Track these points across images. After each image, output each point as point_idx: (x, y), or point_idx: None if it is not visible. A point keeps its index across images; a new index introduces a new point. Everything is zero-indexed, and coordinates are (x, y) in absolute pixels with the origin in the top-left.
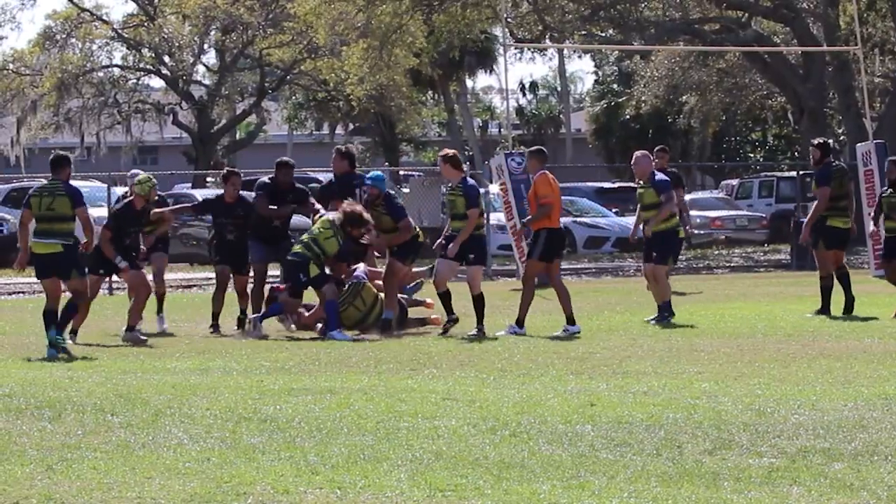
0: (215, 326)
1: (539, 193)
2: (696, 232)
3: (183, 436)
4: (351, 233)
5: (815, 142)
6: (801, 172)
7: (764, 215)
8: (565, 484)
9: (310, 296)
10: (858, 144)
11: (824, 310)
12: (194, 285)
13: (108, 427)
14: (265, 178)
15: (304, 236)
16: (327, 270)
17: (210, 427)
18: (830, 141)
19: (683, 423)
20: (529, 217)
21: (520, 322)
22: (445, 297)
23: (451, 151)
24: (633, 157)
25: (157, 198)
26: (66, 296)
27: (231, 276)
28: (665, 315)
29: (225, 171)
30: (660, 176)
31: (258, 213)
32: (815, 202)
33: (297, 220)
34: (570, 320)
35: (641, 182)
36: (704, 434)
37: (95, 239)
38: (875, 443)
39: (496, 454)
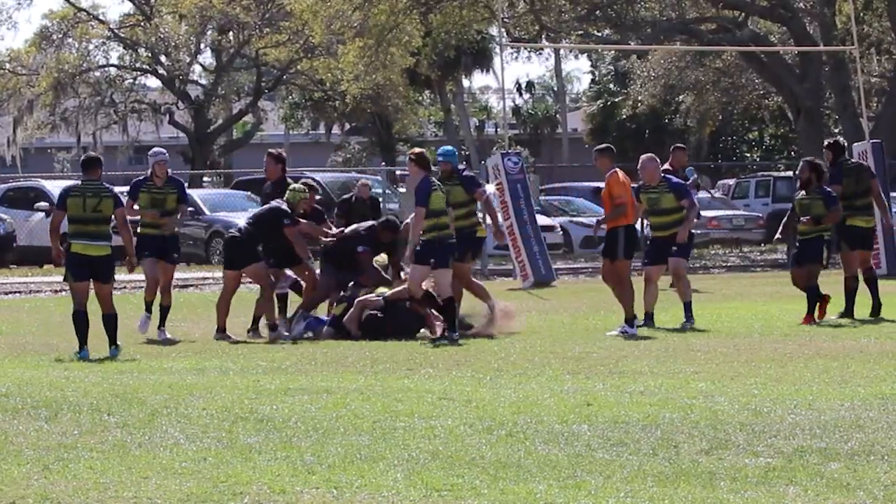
0: (255, 330)
1: (613, 193)
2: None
3: (179, 435)
4: (379, 236)
5: (826, 142)
6: (797, 172)
7: (760, 215)
8: (562, 484)
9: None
10: (855, 144)
11: (848, 312)
12: (190, 285)
13: (105, 427)
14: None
15: None
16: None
17: (206, 427)
18: (841, 139)
19: (680, 422)
20: (604, 217)
21: (629, 321)
22: (428, 301)
23: (417, 150)
24: (640, 161)
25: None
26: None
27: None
28: (690, 319)
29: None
30: (675, 179)
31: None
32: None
33: None
34: (624, 320)
35: (651, 185)
36: (701, 434)
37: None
38: (871, 442)
39: (492, 454)
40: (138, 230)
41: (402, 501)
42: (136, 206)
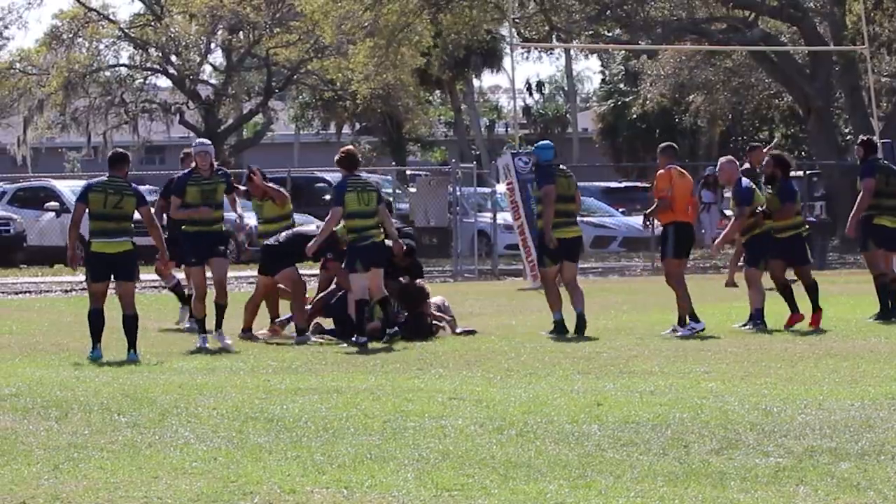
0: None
1: (657, 187)
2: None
3: (189, 435)
4: (396, 259)
5: (860, 139)
6: (807, 172)
7: None
8: (572, 483)
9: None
10: None
11: (884, 313)
12: None
13: (115, 426)
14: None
15: None
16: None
17: (217, 426)
18: (874, 138)
19: (690, 422)
20: (649, 210)
21: (693, 317)
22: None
23: (344, 149)
24: (719, 163)
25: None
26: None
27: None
28: (758, 322)
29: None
30: (745, 182)
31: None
32: (860, 196)
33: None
34: (694, 317)
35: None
36: (711, 434)
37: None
38: (882, 442)
39: (503, 454)
40: (182, 227)
41: (413, 501)
42: (180, 203)
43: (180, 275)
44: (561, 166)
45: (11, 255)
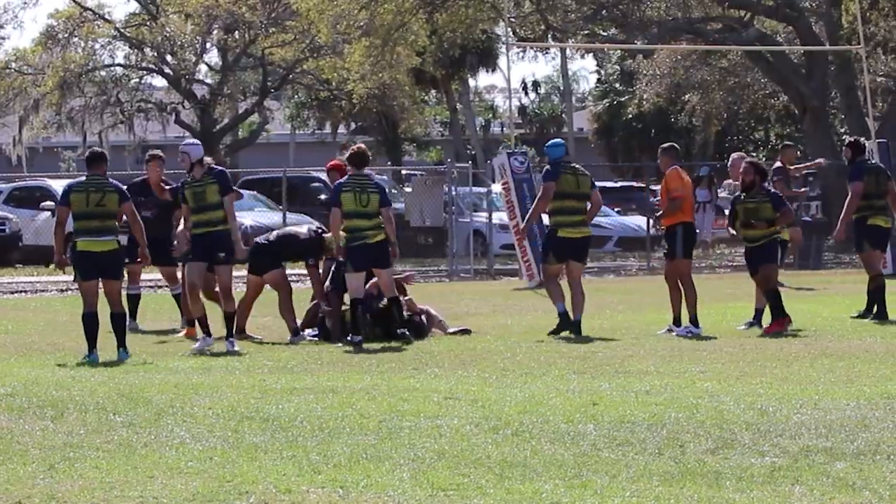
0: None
1: (670, 188)
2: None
3: (185, 435)
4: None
5: (847, 140)
6: (803, 172)
7: None
8: (567, 483)
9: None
10: None
11: (879, 314)
12: None
13: (111, 426)
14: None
15: None
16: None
17: (212, 426)
18: (862, 139)
19: (686, 422)
20: (661, 212)
21: (694, 320)
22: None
23: (355, 147)
24: (731, 158)
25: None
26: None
27: None
28: (753, 322)
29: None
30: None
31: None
32: (848, 199)
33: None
34: (695, 321)
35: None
36: (707, 433)
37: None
38: (877, 442)
39: (498, 453)
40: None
41: (408, 501)
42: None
43: (151, 276)
44: (572, 164)
45: (7, 254)
